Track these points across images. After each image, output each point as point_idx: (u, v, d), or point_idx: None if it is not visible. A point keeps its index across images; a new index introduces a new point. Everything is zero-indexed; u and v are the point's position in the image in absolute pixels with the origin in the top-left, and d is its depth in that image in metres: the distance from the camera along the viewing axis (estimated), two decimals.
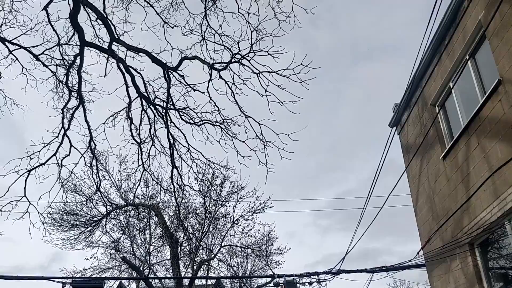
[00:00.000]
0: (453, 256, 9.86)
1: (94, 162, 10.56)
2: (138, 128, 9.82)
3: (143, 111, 9.61)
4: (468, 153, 9.13)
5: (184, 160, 9.88)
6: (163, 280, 26.22)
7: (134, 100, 9.45)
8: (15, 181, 9.26)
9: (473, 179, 8.89)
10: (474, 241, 9.20)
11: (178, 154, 9.84)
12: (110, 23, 8.67)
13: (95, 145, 10.00)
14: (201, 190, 20.79)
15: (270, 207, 25.08)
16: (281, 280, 13.82)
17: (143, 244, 25.75)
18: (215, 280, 28.03)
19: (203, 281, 30.90)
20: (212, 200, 23.71)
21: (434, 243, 10.78)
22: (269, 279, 20.80)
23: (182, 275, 23.17)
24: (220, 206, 24.42)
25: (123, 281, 27.29)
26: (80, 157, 10.07)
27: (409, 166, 12.29)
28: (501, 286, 8.73)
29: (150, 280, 22.36)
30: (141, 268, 23.80)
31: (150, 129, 9.76)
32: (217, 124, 9.25)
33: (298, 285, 13.82)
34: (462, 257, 9.50)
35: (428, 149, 11.12)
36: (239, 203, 24.44)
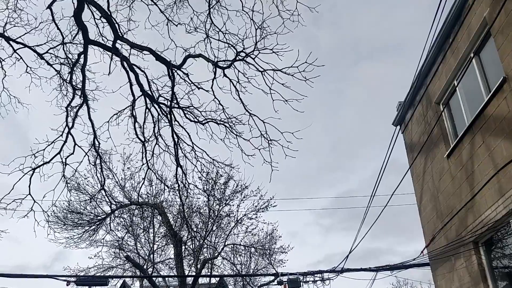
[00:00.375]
0: (457, 255, 9.83)
1: (98, 161, 10.57)
2: (142, 127, 9.83)
3: (147, 110, 9.62)
4: (472, 151, 9.10)
5: (188, 159, 9.88)
6: (166, 279, 26.27)
7: (138, 98, 9.45)
8: (19, 179, 9.27)
9: (478, 177, 8.86)
10: (478, 240, 9.17)
11: (182, 153, 9.84)
12: (114, 21, 8.67)
13: (99, 143, 10.01)
14: (205, 189, 20.85)
15: (274, 206, 25.09)
16: (284, 279, 13.82)
17: (147, 243, 25.80)
18: (218, 278, 28.07)
19: (207, 280, 30.92)
20: (216, 199, 23.75)
21: (438, 242, 10.76)
22: (272, 278, 20.82)
23: (186, 274, 23.21)
24: (224, 205, 24.45)
25: (127, 279, 27.33)
26: (84, 156, 10.09)
27: (413, 165, 12.26)
28: (506, 284, 8.70)
29: (154, 278, 22.42)
30: (145, 267, 23.85)
31: (154, 127, 9.77)
32: (221, 122, 9.24)
33: (301, 283, 13.81)
34: (467, 256, 9.47)
35: (432, 148, 11.09)
36: (243, 202, 24.48)
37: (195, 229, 23.67)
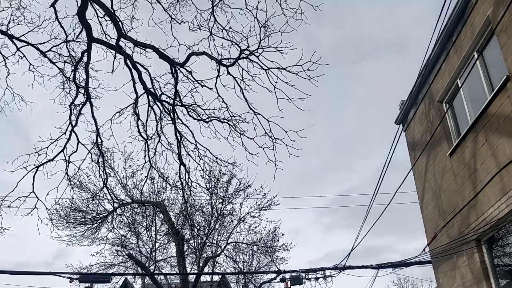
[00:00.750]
0: (459, 253, 9.85)
1: (100, 159, 10.61)
2: (145, 125, 9.84)
3: (150, 107, 9.63)
4: (475, 150, 9.12)
5: (191, 157, 9.89)
6: (168, 277, 26.34)
7: (141, 96, 9.47)
8: (23, 177, 9.32)
9: (481, 175, 8.87)
10: (481, 238, 9.19)
11: (185, 150, 9.85)
12: (118, 20, 8.68)
13: (102, 141, 10.04)
14: (208, 187, 20.86)
15: (277, 205, 25.12)
16: (287, 276, 13.83)
17: (149, 241, 25.85)
18: (220, 276, 28.13)
19: (209, 278, 30.95)
20: (218, 197, 23.77)
21: (440, 240, 10.78)
22: (275, 275, 20.86)
23: (188, 272, 23.25)
24: (226, 204, 24.48)
25: (129, 277, 27.40)
26: (87, 154, 10.12)
27: (415, 163, 12.27)
28: (508, 282, 8.72)
29: (156, 276, 22.46)
30: (146, 264, 23.89)
31: (157, 125, 9.78)
32: (225, 121, 9.25)
33: (303, 280, 13.84)
34: (469, 254, 9.49)
35: (435, 146, 11.10)
36: (246, 201, 24.52)
37: (197, 227, 23.71)
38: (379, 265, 13.41)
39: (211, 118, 9.29)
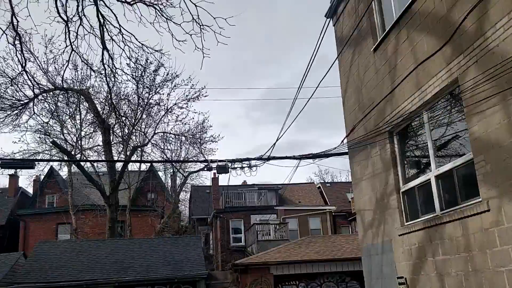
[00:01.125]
0: (373, 144, 10.59)
1: (17, 41, 9.95)
2: (64, 5, 9.22)
3: None
4: (397, 46, 9.46)
5: (115, 42, 9.53)
6: (96, 165, 26.34)
7: None
8: None
9: (399, 71, 9.32)
10: (393, 130, 9.88)
11: (109, 35, 9.43)
12: None
13: (18, 21, 9.35)
14: (134, 75, 20.37)
15: (205, 96, 25.23)
16: (214, 165, 14.31)
17: (74, 129, 25.35)
18: (149, 165, 28.51)
19: (137, 167, 31.28)
20: (145, 87, 23.35)
21: (357, 132, 11.47)
22: (202, 165, 21.53)
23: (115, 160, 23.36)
24: (153, 93, 24.16)
25: (54, 165, 27.09)
26: (2, 34, 9.43)
27: (341, 58, 12.58)
28: (416, 171, 9.60)
29: (83, 163, 22.42)
30: (72, 153, 23.64)
31: (77, 6, 9.19)
32: (150, 4, 8.84)
33: (230, 170, 14.40)
34: (382, 145, 10.23)
35: (361, 41, 11.36)
36: (173, 91, 24.37)
37: (123, 116, 23.47)
38: (300, 156, 14.14)
39: (136, 1, 8.84)
